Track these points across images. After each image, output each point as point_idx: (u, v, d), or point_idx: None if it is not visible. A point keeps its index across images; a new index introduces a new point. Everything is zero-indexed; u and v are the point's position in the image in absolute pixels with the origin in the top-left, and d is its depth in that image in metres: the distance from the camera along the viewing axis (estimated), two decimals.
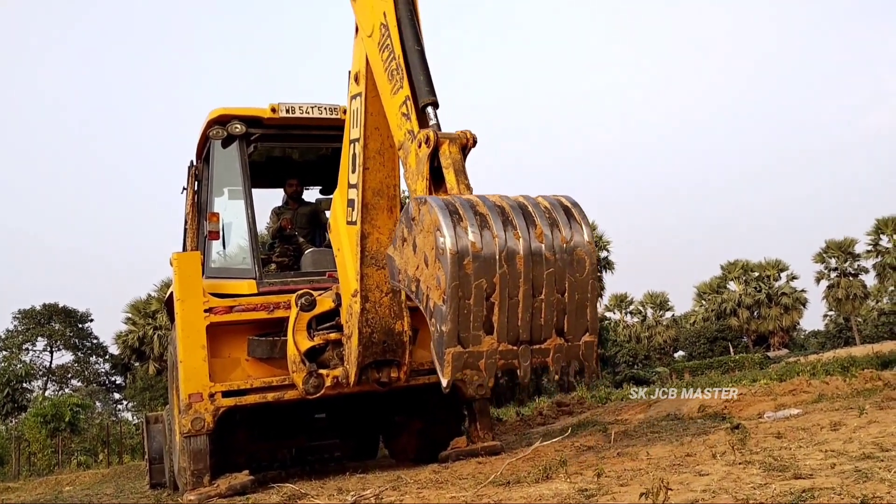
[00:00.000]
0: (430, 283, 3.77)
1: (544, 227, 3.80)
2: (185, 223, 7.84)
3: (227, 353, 6.39)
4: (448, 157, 4.17)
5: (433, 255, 3.71)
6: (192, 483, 5.84)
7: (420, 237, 3.83)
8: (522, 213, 3.82)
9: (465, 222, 3.63)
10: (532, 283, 3.77)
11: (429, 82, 4.54)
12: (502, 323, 3.75)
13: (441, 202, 3.70)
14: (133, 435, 27.93)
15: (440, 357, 3.75)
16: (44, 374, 49.23)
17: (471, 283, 3.62)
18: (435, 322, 3.78)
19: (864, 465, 2.87)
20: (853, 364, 14.88)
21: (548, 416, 12.54)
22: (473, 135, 4.30)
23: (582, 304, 3.97)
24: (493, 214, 3.72)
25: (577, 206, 4.03)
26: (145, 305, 39.30)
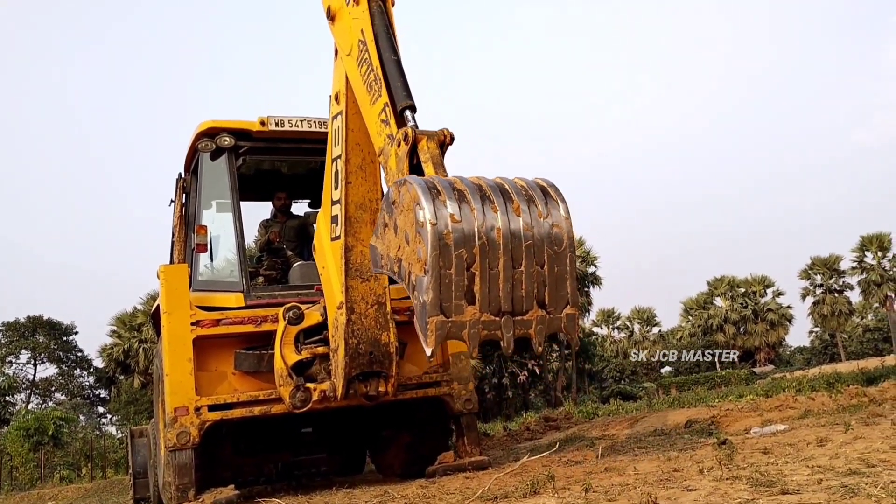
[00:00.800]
0: (412, 259, 3.86)
1: (521, 203, 3.92)
2: (172, 235, 7.80)
3: (213, 367, 6.35)
4: (426, 153, 4.31)
5: (413, 230, 3.81)
6: (177, 498, 5.79)
7: (401, 217, 3.93)
8: (500, 190, 3.94)
9: (443, 196, 3.75)
10: (511, 255, 3.88)
11: (406, 88, 4.70)
12: (483, 293, 3.83)
13: (420, 180, 3.84)
14: (117, 449, 27.69)
15: (423, 327, 3.84)
16: (27, 386, 48.73)
17: (451, 252, 3.72)
18: (417, 294, 3.86)
19: (851, 480, 2.88)
20: (838, 380, 14.96)
21: (535, 431, 12.50)
22: (450, 132, 4.43)
23: (562, 277, 4.06)
24: (472, 191, 3.85)
25: (554, 186, 4.14)
26: (131, 318, 39.03)
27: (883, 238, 46.89)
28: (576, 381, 43.90)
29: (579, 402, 32.88)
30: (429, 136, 4.35)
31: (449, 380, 6.74)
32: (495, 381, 38.57)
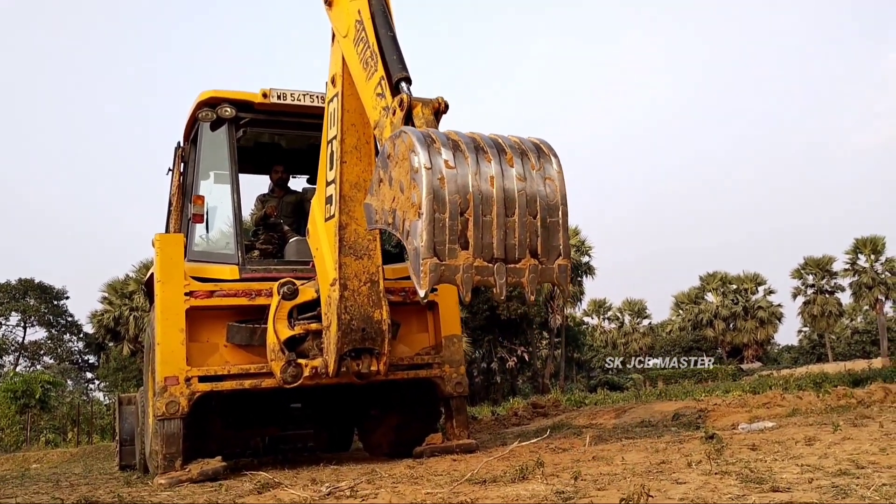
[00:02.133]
0: (406, 207, 3.92)
1: (515, 156, 4.02)
2: (169, 205, 7.76)
3: (205, 338, 6.33)
4: (421, 118, 4.38)
5: (408, 178, 3.87)
6: (164, 467, 5.79)
7: (395, 169, 4.00)
8: (494, 143, 4.04)
9: (437, 144, 3.84)
10: (504, 203, 3.95)
11: (401, 60, 4.78)
12: (477, 238, 3.90)
13: (416, 129, 3.95)
14: (104, 415, 27.72)
15: (417, 270, 3.87)
16: (16, 349, 48.68)
17: (445, 197, 3.78)
18: (411, 240, 3.90)
19: (841, 481, 2.88)
20: (825, 380, 15.05)
21: (523, 417, 12.55)
22: (445, 100, 4.51)
23: (554, 228, 4.13)
24: (466, 142, 3.94)
25: (547, 144, 4.24)
26: (122, 286, 38.92)
27: (877, 241, 47.03)
28: (564, 369, 44.08)
29: (567, 390, 33.05)
30: (424, 103, 4.44)
31: (440, 362, 6.75)
32: (484, 365, 38.70)
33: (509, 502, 3.08)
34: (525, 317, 36.12)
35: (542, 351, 43.70)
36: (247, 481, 5.06)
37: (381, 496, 3.66)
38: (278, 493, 4.05)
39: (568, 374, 46.80)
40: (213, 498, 4.11)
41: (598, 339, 58.65)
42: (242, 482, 5.11)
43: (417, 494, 3.61)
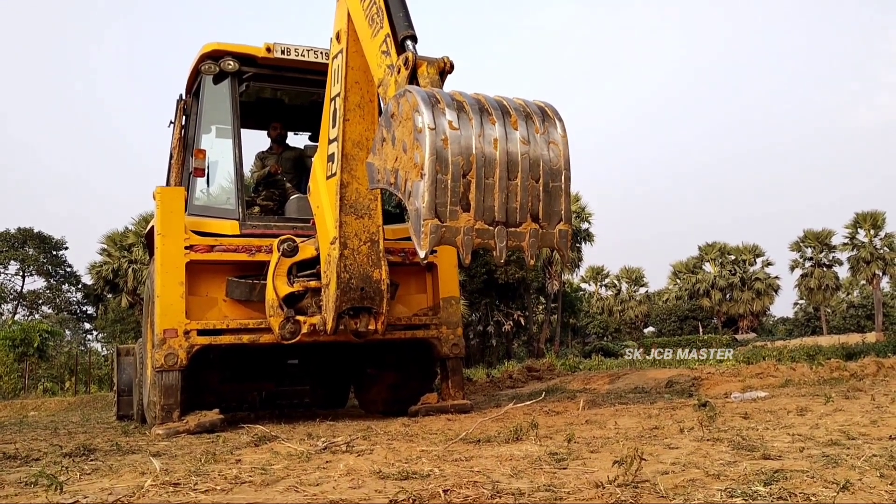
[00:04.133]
0: (408, 167, 3.91)
1: (519, 119, 4.00)
2: (170, 158, 7.71)
3: (204, 292, 6.35)
4: (426, 78, 4.34)
5: (411, 138, 3.86)
6: (162, 417, 5.85)
7: (399, 128, 3.98)
8: (499, 105, 4.01)
9: (442, 105, 3.81)
10: (507, 167, 3.94)
11: (407, 18, 4.74)
12: (478, 201, 3.90)
13: (420, 89, 3.90)
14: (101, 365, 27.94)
15: (417, 230, 3.89)
16: (14, 298, 48.83)
17: (448, 158, 3.77)
18: (413, 200, 3.90)
19: (832, 451, 2.92)
20: (819, 353, 15.18)
21: (517, 380, 12.67)
22: (451, 60, 4.46)
23: (556, 193, 4.13)
24: (471, 103, 3.91)
25: (552, 107, 4.21)
26: (122, 238, 38.85)
27: (877, 216, 46.94)
28: (559, 334, 44.35)
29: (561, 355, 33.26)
30: (429, 62, 4.39)
31: (438, 323, 6.79)
32: (480, 328, 38.93)
33: (503, 462, 3.12)
34: (522, 281, 36.23)
35: (539, 316, 43.90)
36: (244, 434, 5.12)
37: (377, 452, 3.70)
38: (275, 447, 4.10)
39: (563, 339, 47.11)
40: (210, 449, 4.16)
41: (595, 305, 58.86)
42: (239, 435, 5.17)
43: (412, 451, 3.65)
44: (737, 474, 2.48)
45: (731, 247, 57.66)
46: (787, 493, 2.14)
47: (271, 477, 3.00)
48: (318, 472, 3.08)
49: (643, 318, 59.27)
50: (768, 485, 2.25)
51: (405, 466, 3.09)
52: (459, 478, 2.73)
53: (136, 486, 2.89)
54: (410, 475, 2.85)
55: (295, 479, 2.94)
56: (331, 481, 2.84)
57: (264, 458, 3.65)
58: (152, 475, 3.10)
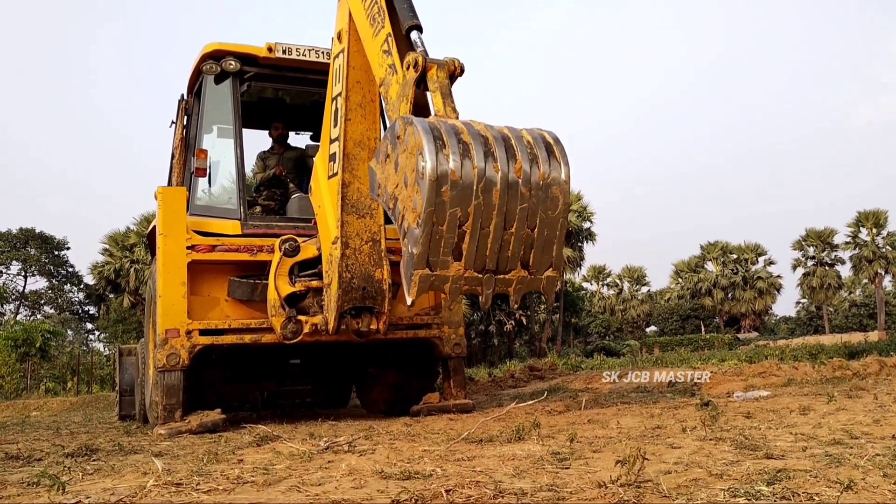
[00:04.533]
0: (407, 205, 3.87)
1: (524, 161, 3.88)
2: (171, 158, 7.71)
3: (206, 292, 6.35)
4: (435, 82, 4.29)
5: (413, 177, 3.79)
6: (164, 417, 5.85)
7: (403, 157, 3.91)
8: (505, 145, 3.88)
9: (447, 149, 3.70)
10: (505, 216, 3.90)
11: (411, 8, 4.71)
12: (471, 251, 3.90)
13: (426, 125, 3.76)
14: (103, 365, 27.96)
15: (408, 277, 3.91)
16: (16, 298, 48.87)
17: (446, 210, 3.74)
18: (407, 243, 3.91)
19: (835, 450, 2.91)
20: (821, 352, 15.14)
21: (519, 380, 12.65)
22: (461, 63, 4.41)
23: (550, 241, 4.11)
24: (476, 144, 3.79)
25: (559, 143, 4.10)
26: (123, 238, 38.91)
27: (879, 215, 46.90)
28: (561, 333, 44.35)
29: (563, 354, 33.25)
30: (439, 65, 4.32)
31: (440, 323, 6.78)
32: (482, 327, 38.92)
33: (505, 461, 3.11)
34: None
35: (540, 315, 43.92)
36: (246, 434, 5.12)
37: (379, 451, 3.70)
38: (277, 446, 4.10)
39: (565, 338, 47.11)
40: (212, 449, 4.16)
41: (597, 304, 58.84)
42: (241, 434, 5.17)
43: (415, 451, 3.65)
44: (740, 474, 2.47)
45: (733, 246, 57.63)
46: (790, 492, 2.14)
47: (273, 477, 3.00)
48: (320, 472, 3.08)
49: (645, 318, 59.23)
50: (771, 484, 2.25)
51: (407, 466, 3.09)
52: (462, 478, 2.73)
53: (139, 487, 2.89)
54: (413, 475, 2.85)
55: (297, 479, 2.93)
56: (333, 481, 2.84)
57: (266, 458, 3.64)
58: (154, 475, 3.10)
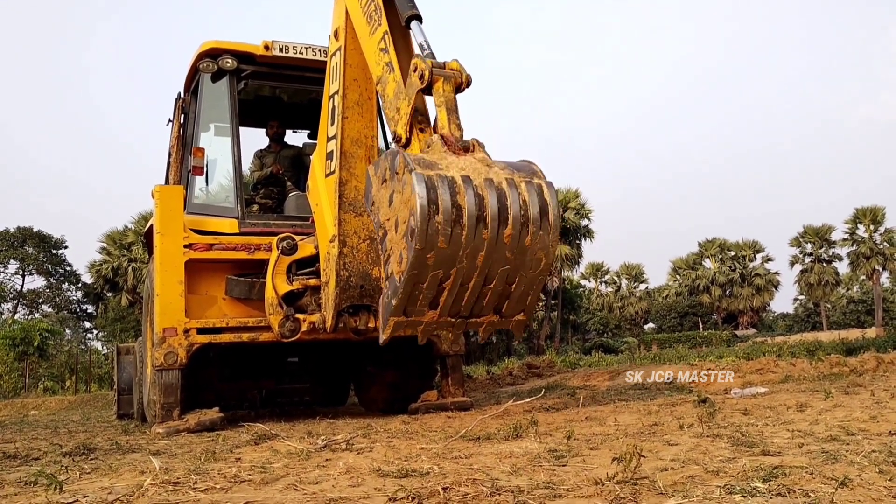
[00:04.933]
0: (394, 250, 3.91)
1: (515, 227, 3.87)
2: (168, 156, 7.71)
3: (204, 291, 6.35)
4: (441, 95, 4.23)
5: (403, 229, 3.80)
6: (162, 416, 5.85)
7: (397, 199, 3.89)
8: (499, 205, 3.83)
9: (440, 216, 3.67)
10: (486, 276, 3.98)
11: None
12: (448, 304, 4.00)
13: (423, 185, 3.67)
14: (102, 364, 27.94)
15: (384, 320, 4.03)
16: (14, 297, 48.81)
17: (428, 271, 3.80)
18: (387, 288, 4.00)
19: (832, 447, 2.92)
20: (819, 348, 15.18)
21: (517, 377, 12.68)
22: (468, 75, 4.35)
23: (525, 294, 4.20)
24: (470, 208, 3.74)
25: (554, 200, 4.05)
26: (121, 236, 38.89)
27: (877, 211, 46.94)
28: (559, 331, 44.36)
29: (561, 352, 33.28)
30: (445, 78, 4.25)
31: None
32: None
33: (503, 459, 3.12)
34: None
35: (539, 312, 43.90)
36: (244, 432, 5.12)
37: (377, 450, 3.70)
38: (275, 445, 4.10)
39: (563, 336, 47.12)
40: (210, 447, 4.16)
41: (595, 302, 58.87)
42: (239, 433, 5.17)
43: (412, 449, 3.65)
44: (736, 471, 2.48)
45: (730, 243, 57.66)
46: (786, 489, 2.14)
47: (271, 475, 3.00)
48: (317, 471, 3.08)
49: (643, 315, 59.29)
50: (767, 481, 2.25)
51: (405, 464, 3.09)
52: (459, 475, 2.73)
53: (136, 485, 2.89)
54: (410, 473, 2.85)
55: (294, 477, 2.94)
56: (330, 479, 2.84)
57: (264, 457, 3.65)
58: (152, 474, 3.10)
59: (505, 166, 4.00)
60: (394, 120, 4.65)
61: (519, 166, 4.07)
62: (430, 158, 3.85)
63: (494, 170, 3.93)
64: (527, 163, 4.16)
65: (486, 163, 3.95)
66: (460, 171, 3.82)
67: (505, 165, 4.01)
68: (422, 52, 4.41)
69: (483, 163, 3.94)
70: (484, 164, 3.93)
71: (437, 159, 3.85)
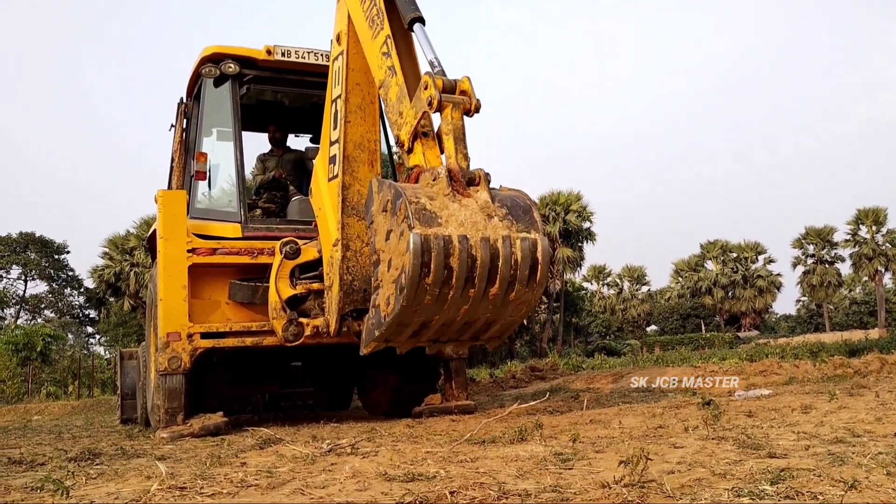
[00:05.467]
0: (384, 284, 4.07)
1: (502, 288, 3.99)
2: (171, 161, 7.71)
3: (207, 295, 6.35)
4: (449, 123, 4.20)
5: (395, 274, 3.92)
6: (166, 421, 5.85)
7: (393, 239, 3.98)
8: (490, 265, 3.91)
9: (430, 278, 3.78)
10: (465, 325, 4.21)
11: (412, 1, 4.71)
12: (428, 337, 4.28)
13: (419, 247, 3.74)
14: (104, 369, 27.92)
15: (367, 339, 4.34)
16: (17, 302, 48.85)
17: (412, 317, 3.99)
18: (373, 316, 4.23)
19: (838, 448, 2.92)
20: (822, 350, 15.14)
21: (521, 380, 12.66)
22: (478, 101, 4.30)
23: (502, 331, 4.42)
24: (462, 270, 3.84)
25: (545, 261, 4.11)
26: (123, 241, 38.90)
27: (879, 212, 46.88)
28: (562, 333, 44.30)
29: (564, 354, 33.24)
30: (454, 105, 4.21)
31: None
32: None
33: (509, 462, 3.11)
34: None
35: (541, 315, 43.85)
36: (248, 437, 5.12)
37: (382, 454, 3.70)
38: (280, 449, 4.10)
39: (566, 338, 47.05)
40: (215, 452, 4.16)
41: (597, 304, 58.81)
42: (244, 437, 5.17)
43: (418, 453, 3.65)
44: (743, 473, 2.47)
45: (733, 244, 57.60)
46: (794, 491, 2.14)
47: (277, 480, 3.00)
48: (323, 475, 3.08)
49: (646, 317, 59.21)
50: (775, 484, 2.25)
51: (411, 468, 3.09)
52: (465, 479, 2.73)
53: (143, 490, 2.89)
54: (416, 477, 2.85)
55: (301, 481, 2.93)
56: (336, 484, 2.84)
57: (269, 461, 3.65)
58: (158, 479, 3.10)
59: (505, 214, 4.04)
60: (397, 124, 4.66)
61: (517, 212, 4.11)
62: (431, 208, 3.87)
63: (493, 222, 3.98)
64: (526, 204, 4.19)
65: (486, 211, 4.00)
66: (458, 226, 3.88)
67: (505, 213, 4.05)
68: (432, 68, 4.36)
69: (484, 211, 3.99)
70: (484, 214, 3.98)
71: (438, 209, 3.88)
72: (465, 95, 4.27)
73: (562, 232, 39.77)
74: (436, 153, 4.43)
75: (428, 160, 4.39)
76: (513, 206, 4.12)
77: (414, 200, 3.85)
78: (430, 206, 3.87)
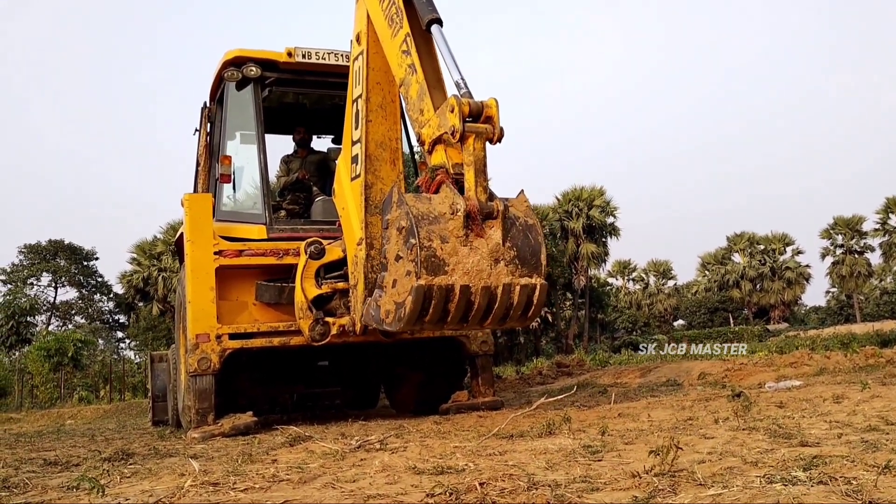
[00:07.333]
0: (387, 292, 4.29)
1: (495, 322, 4.22)
2: (196, 165, 7.80)
3: (234, 297, 6.42)
4: (471, 154, 4.20)
5: (397, 297, 4.17)
6: (197, 421, 5.92)
7: (402, 268, 4.16)
8: (489, 299, 4.10)
9: (428, 317, 4.02)
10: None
11: (430, 3, 4.74)
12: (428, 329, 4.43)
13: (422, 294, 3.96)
14: (135, 373, 28.26)
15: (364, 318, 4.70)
16: (48, 308, 49.58)
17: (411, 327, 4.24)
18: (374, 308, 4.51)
19: (871, 436, 2.88)
20: (853, 340, 14.95)
21: (547, 376, 12.63)
22: (501, 129, 4.27)
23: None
24: (458, 312, 4.06)
25: (541, 302, 4.29)
26: (151, 247, 39.40)
27: None
28: (588, 329, 44.09)
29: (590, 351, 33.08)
30: (477, 135, 4.19)
31: None
32: None
33: (537, 455, 3.12)
34: (549, 277, 35.99)
35: (566, 312, 43.70)
36: (278, 435, 5.17)
37: (411, 449, 3.72)
38: (310, 446, 4.14)
39: (592, 334, 46.82)
40: (246, 450, 4.21)
41: (623, 300, 58.45)
42: (274, 436, 5.22)
43: (446, 447, 3.66)
44: (775, 461, 2.46)
45: (759, 236, 56.91)
46: (827, 477, 2.12)
47: (308, 475, 3.03)
48: (353, 470, 3.10)
49: (672, 312, 58.75)
50: (808, 470, 2.23)
51: (440, 462, 3.10)
52: (494, 471, 2.73)
53: (177, 487, 2.93)
54: (445, 470, 2.86)
55: (331, 476, 2.96)
56: (367, 478, 2.86)
57: (300, 458, 3.68)
58: (192, 476, 3.14)
59: (513, 258, 4.17)
60: (418, 122, 4.68)
61: (525, 254, 4.22)
62: (441, 254, 4.00)
63: (498, 267, 4.13)
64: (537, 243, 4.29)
65: (494, 255, 4.11)
66: (463, 275, 4.03)
67: (513, 256, 4.17)
68: (458, 89, 4.34)
69: (492, 256, 4.11)
70: (491, 259, 4.10)
71: (447, 255, 4.01)
72: (489, 122, 4.24)
73: (585, 228, 39.61)
74: (457, 151, 4.42)
75: (450, 157, 4.40)
76: (523, 247, 4.23)
77: (426, 245, 3.97)
78: (440, 252, 4.01)
